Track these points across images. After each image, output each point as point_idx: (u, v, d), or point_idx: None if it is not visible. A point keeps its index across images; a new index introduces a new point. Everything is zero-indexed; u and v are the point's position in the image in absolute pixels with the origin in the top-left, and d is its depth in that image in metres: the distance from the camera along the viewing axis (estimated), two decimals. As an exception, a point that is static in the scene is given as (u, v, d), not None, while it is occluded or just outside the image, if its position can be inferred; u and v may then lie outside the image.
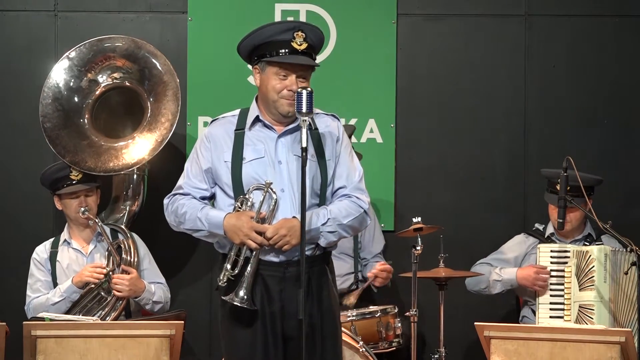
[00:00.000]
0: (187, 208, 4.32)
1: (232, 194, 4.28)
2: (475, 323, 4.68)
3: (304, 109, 4.10)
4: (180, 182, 4.42)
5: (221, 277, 4.20)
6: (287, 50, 4.21)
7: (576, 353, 4.54)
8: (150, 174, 6.05)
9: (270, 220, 4.20)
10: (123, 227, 5.75)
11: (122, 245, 5.55)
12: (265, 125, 4.32)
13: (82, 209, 5.54)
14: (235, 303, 4.13)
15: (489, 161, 6.35)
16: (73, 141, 5.77)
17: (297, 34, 4.22)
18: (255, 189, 4.21)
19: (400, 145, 6.30)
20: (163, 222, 5.79)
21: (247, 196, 4.20)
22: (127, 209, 5.98)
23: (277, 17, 6.25)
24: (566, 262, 5.43)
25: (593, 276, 5.36)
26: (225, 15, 6.30)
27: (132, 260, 5.52)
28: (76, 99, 5.86)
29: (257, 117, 4.32)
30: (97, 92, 5.87)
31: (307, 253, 4.16)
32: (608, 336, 4.55)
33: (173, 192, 4.41)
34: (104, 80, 5.92)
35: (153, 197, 5.99)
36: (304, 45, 4.23)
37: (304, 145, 4.03)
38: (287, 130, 4.26)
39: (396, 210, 6.30)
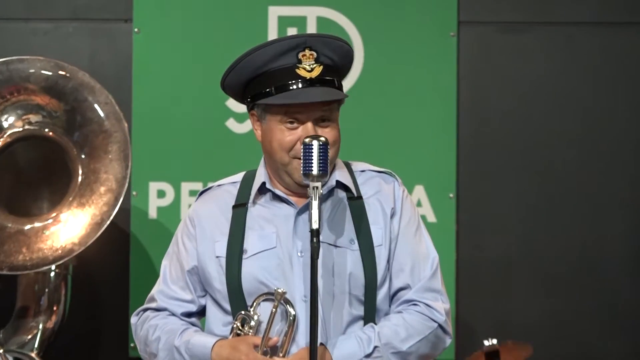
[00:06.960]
0: (161, 332, 3.67)
1: (228, 307, 3.61)
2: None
3: (315, 171, 3.36)
4: (153, 290, 3.74)
5: None
6: (292, 83, 3.52)
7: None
8: (76, 272, 5.28)
9: (286, 348, 3.54)
10: (33, 355, 5.10)
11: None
12: (277, 197, 3.65)
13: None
14: None
15: (602, 251, 5.43)
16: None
17: (303, 55, 3.52)
18: (264, 300, 3.58)
19: (463, 226, 5.40)
20: (97, 347, 5.71)
21: (250, 312, 3.57)
22: (40, 327, 5.26)
23: (272, 27, 5.34)
24: None
25: None
26: (191, 27, 5.38)
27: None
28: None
29: (264, 184, 3.67)
30: (-1, 144, 5.43)
31: None
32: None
33: (143, 306, 3.74)
34: (9, 124, 5.22)
35: (81, 308, 5.33)
36: (318, 70, 3.53)
37: (315, 226, 3.37)
38: (309, 202, 3.56)
39: (458, 327, 5.37)
